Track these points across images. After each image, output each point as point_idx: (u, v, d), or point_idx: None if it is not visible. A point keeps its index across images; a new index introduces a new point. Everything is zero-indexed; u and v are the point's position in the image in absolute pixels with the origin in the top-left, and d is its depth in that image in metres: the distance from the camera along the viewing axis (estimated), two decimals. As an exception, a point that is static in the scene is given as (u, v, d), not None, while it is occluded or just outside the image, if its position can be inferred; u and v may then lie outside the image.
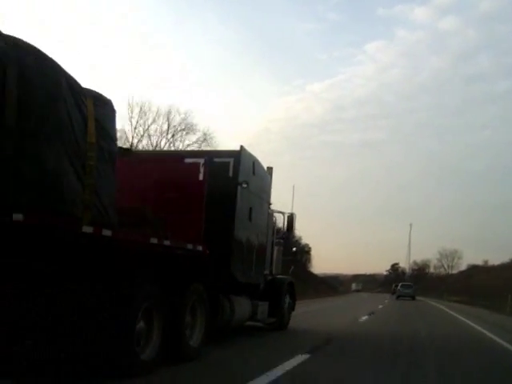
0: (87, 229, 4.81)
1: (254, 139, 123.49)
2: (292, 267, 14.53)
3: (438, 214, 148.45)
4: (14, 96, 4.09)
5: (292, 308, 12.64)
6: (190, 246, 6.88)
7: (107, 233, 5.09)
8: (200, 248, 7.15)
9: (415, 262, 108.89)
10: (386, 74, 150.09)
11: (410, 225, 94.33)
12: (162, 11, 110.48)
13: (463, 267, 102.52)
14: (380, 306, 29.50)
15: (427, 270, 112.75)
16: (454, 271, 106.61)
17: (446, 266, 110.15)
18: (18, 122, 4.12)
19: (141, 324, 5.75)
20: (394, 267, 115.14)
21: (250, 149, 9.30)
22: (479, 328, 16.75)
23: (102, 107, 5.31)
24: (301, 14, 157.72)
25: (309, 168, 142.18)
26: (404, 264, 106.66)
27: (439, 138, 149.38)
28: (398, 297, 47.72)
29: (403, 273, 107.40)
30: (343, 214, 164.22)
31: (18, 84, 4.14)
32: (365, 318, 18.36)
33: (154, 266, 6.16)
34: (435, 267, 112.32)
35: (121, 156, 6.09)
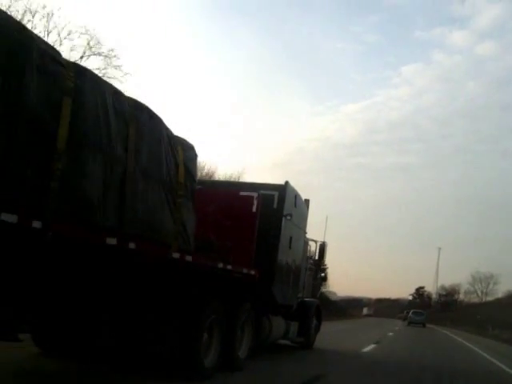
0: (175, 255, 5.85)
1: (288, 158, 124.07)
2: (320, 291, 15.46)
3: (470, 240, 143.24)
4: (133, 147, 5.16)
5: (318, 329, 13.54)
6: (245, 271, 7.89)
7: (189, 258, 6.13)
8: (253, 272, 8.15)
9: (443, 287, 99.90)
10: (422, 97, 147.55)
11: (439, 248, 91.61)
12: (196, 29, 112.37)
13: (499, 294, 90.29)
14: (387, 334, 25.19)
15: (456, 297, 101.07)
16: (490, 298, 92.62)
17: (479, 292, 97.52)
18: (135, 167, 5.19)
19: (205, 335, 6.74)
20: (419, 291, 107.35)
21: (283, 167, 10.40)
22: None
23: (187, 152, 6.40)
24: (337, 34, 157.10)
25: (340, 189, 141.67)
26: (431, 288, 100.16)
27: (474, 164, 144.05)
28: (409, 323, 48.32)
29: (429, 297, 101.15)
30: (372, 237, 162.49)
31: (136, 137, 5.21)
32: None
33: (218, 286, 7.17)
34: (466, 293, 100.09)
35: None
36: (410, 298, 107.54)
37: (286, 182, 10.04)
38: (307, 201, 11.88)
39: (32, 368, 6.36)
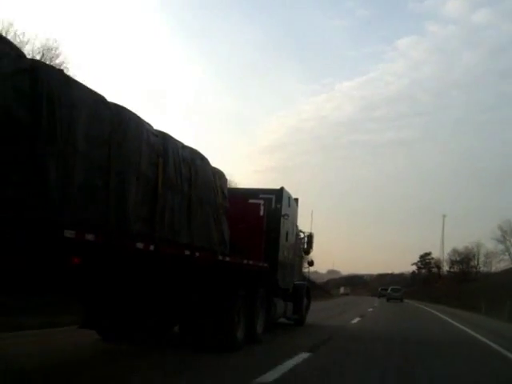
0: (221, 257, 7.91)
1: (285, 139, 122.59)
2: (308, 275, 17.75)
3: (472, 210, 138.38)
4: (193, 183, 7.14)
5: (308, 307, 15.81)
6: (260, 264, 9.99)
7: (227, 259, 8.19)
8: (265, 264, 10.27)
9: (455, 251, 78.48)
10: (418, 70, 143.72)
11: (443, 216, 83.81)
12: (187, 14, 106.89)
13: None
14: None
15: (473, 262, 76.49)
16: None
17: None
18: (195, 197, 7.19)
19: (236, 316, 8.81)
20: (425, 259, 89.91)
21: (281, 149, 12.57)
22: None
23: (221, 179, 8.44)
24: (329, 10, 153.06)
25: (340, 168, 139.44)
26: (439, 255, 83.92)
27: (474, 134, 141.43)
28: (388, 299, 51.46)
29: (437, 266, 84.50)
30: (374, 214, 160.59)
31: (194, 176, 7.18)
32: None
33: (243, 278, 9.23)
34: (487, 255, 73.59)
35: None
36: (414, 268, 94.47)
37: (282, 188, 12.16)
38: (297, 199, 14.02)
39: (97, 351, 8.29)
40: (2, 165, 3.91)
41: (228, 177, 9.35)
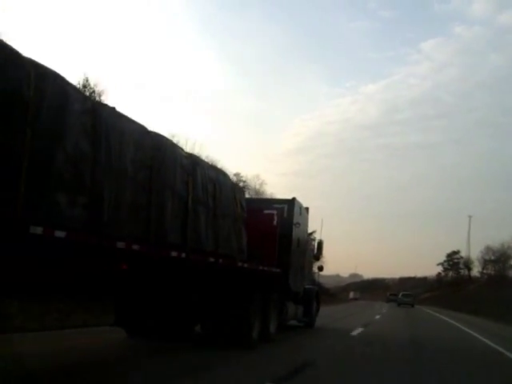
0: (240, 264, 8.81)
1: (309, 142, 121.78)
2: (318, 279, 18.58)
3: (498, 212, 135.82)
4: (218, 199, 8.05)
5: (317, 311, 16.66)
6: (274, 270, 10.88)
7: (245, 265, 9.09)
8: (278, 270, 11.16)
9: (489, 248, 69.09)
10: (443, 72, 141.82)
11: (469, 217, 78.11)
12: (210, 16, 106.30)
13: None
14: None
15: None
16: None
17: None
18: (218, 210, 8.10)
19: (252, 317, 9.70)
20: (453, 259, 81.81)
21: (306, 152, 13.33)
22: None
23: (240, 193, 9.35)
24: (352, 11, 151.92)
25: (364, 171, 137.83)
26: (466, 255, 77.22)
27: (499, 137, 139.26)
28: (398, 304, 52.27)
29: (467, 267, 75.70)
30: (397, 216, 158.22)
31: (218, 193, 8.09)
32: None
33: (259, 281, 10.12)
34: None
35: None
36: (440, 269, 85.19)
37: (294, 198, 13.05)
38: (307, 208, 14.90)
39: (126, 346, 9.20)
40: (68, 190, 4.82)
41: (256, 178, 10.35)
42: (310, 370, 7.74)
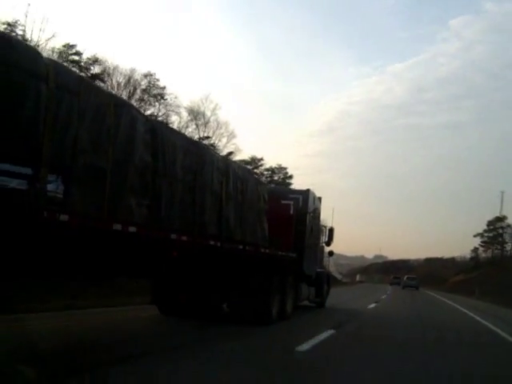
0: (264, 250, 10.09)
1: (334, 123, 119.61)
2: (329, 263, 19.89)
3: None
4: (246, 194, 9.29)
5: (328, 292, 17.98)
6: (291, 254, 12.15)
7: (267, 251, 10.36)
8: (294, 255, 12.43)
9: None
10: (472, 51, 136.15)
11: (502, 192, 72.87)
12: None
13: None
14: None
15: None
16: None
17: None
18: (246, 204, 9.34)
19: (272, 297, 10.98)
20: (496, 227, 67.62)
21: (331, 133, 14.67)
22: None
23: (263, 186, 10.59)
24: None
25: (390, 152, 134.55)
26: None
27: None
28: (403, 287, 53.49)
29: None
30: (423, 197, 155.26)
31: (247, 189, 9.32)
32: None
33: (278, 266, 11.39)
34: None
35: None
36: (478, 242, 71.81)
37: (308, 189, 14.29)
38: (320, 198, 16.13)
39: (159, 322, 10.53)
40: (137, 194, 6.07)
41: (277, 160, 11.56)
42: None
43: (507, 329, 13.50)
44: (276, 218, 12.39)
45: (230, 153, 40.65)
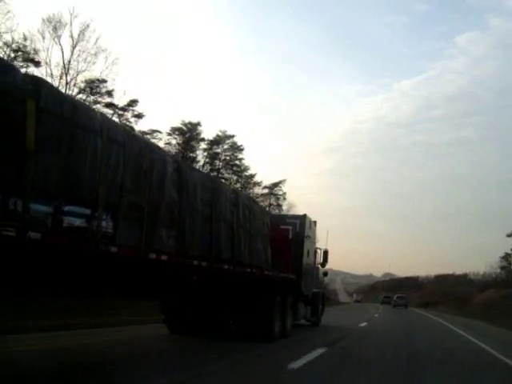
0: (267, 272, 11.02)
1: (342, 141, 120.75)
2: (323, 283, 20.80)
3: None
4: (252, 222, 10.25)
5: (322, 311, 18.89)
6: (291, 276, 13.08)
7: (270, 273, 11.28)
8: (293, 276, 13.36)
9: None
10: (479, 67, 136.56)
11: None
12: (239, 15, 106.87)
13: None
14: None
15: None
16: None
17: None
18: (252, 231, 10.29)
19: (274, 316, 11.87)
20: None
21: (338, 151, 16.36)
22: None
23: (266, 213, 11.58)
24: (386, 6, 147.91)
25: (397, 170, 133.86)
26: None
27: None
28: (393, 306, 54.50)
29: None
30: (431, 215, 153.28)
31: (253, 217, 10.29)
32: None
33: (279, 286, 12.31)
34: None
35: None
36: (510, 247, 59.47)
37: (305, 214, 15.31)
38: (315, 222, 17.14)
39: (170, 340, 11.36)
40: (166, 226, 7.00)
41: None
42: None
43: None
44: (276, 241, 13.33)
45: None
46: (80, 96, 26.61)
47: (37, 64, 25.77)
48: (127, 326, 12.67)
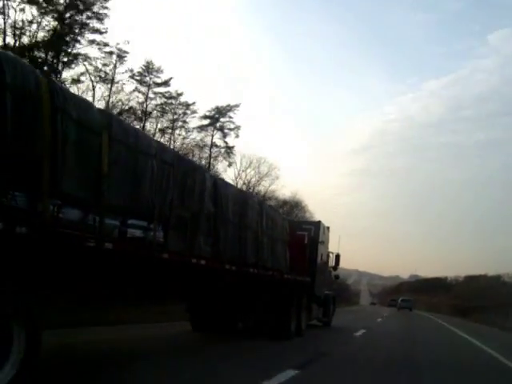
0: (286, 275, 11.96)
1: (370, 141, 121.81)
2: (334, 285, 21.74)
3: None
4: (273, 228, 11.20)
5: (334, 312, 19.82)
6: (307, 278, 14.02)
7: (289, 276, 12.23)
8: (308, 279, 14.31)
9: None
10: (511, 66, 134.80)
11: None
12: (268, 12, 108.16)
13: None
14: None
15: None
16: None
17: None
18: (274, 236, 11.24)
19: (291, 316, 12.80)
20: None
21: (366, 152, 17.59)
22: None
23: (285, 221, 12.51)
24: (417, 3, 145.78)
25: (428, 170, 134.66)
26: None
27: None
28: (398, 309, 55.52)
29: None
30: (461, 216, 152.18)
31: (273, 223, 11.24)
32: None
33: (296, 288, 13.25)
34: None
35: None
36: None
37: (319, 221, 16.29)
38: (328, 227, 18.07)
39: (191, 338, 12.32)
40: (204, 235, 7.97)
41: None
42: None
43: None
44: (293, 246, 14.30)
45: None
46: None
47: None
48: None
